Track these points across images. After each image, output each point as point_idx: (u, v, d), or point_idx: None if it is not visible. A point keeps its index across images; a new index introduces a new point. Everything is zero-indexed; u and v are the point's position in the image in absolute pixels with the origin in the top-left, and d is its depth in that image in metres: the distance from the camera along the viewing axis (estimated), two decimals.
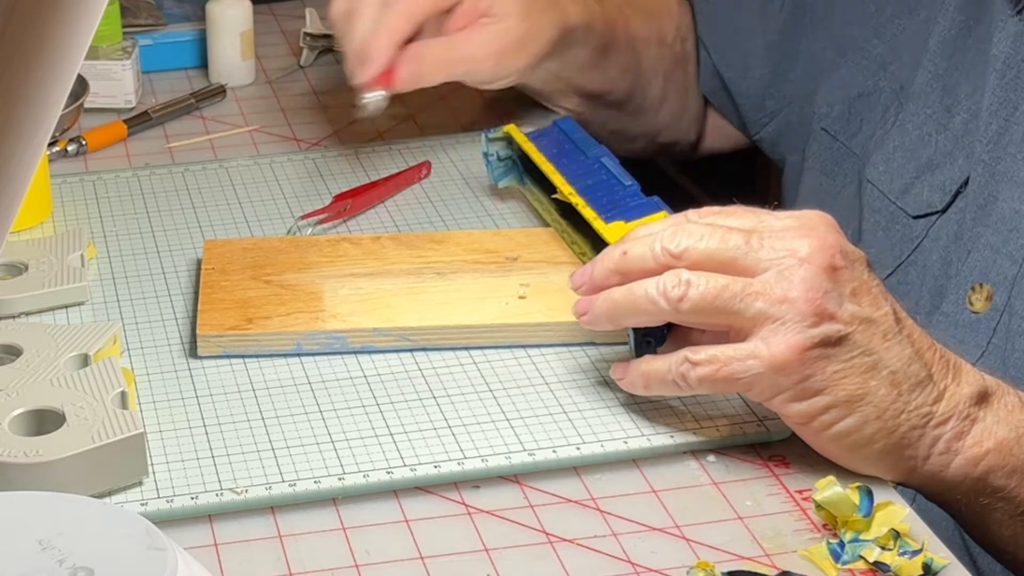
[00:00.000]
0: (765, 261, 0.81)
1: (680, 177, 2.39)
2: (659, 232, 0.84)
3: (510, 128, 1.10)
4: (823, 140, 1.16)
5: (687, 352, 0.82)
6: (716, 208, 0.86)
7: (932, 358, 0.82)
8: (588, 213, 0.98)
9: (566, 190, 1.01)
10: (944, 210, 1.02)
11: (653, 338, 0.86)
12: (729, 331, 0.82)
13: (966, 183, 1.00)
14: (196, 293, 0.97)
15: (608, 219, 0.97)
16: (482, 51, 1.13)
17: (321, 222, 1.07)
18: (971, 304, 0.98)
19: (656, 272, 0.82)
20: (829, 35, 1.17)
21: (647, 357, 0.85)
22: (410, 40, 1.11)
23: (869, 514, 0.78)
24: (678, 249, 0.82)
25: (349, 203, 1.09)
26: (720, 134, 1.32)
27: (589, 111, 1.24)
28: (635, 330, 0.86)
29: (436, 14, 1.12)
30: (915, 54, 1.08)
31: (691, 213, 0.86)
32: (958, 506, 0.85)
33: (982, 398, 0.82)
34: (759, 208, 0.86)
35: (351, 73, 1.10)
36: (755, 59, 1.23)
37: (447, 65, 1.12)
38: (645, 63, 1.25)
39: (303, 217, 1.07)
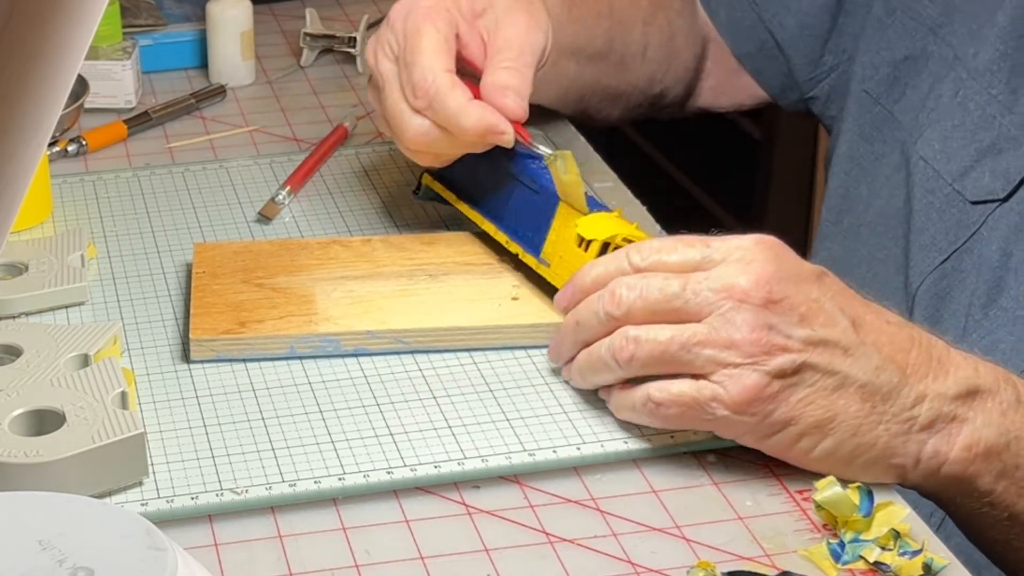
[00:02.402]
0: (706, 305, 0.80)
1: (676, 172, 2.39)
2: (600, 295, 0.84)
3: (426, 180, 1.07)
4: (864, 102, 1.11)
5: (652, 391, 0.82)
6: (658, 243, 0.85)
7: (907, 359, 0.81)
8: (529, 260, 0.97)
9: (502, 239, 0.99)
10: (1006, 199, 0.97)
11: None
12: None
13: None
14: (188, 296, 0.97)
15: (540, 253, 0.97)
16: (518, 33, 1.03)
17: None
18: None
19: (608, 333, 0.84)
20: None
21: (616, 390, 0.85)
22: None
23: (869, 514, 0.78)
24: (620, 311, 0.83)
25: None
26: (720, 91, 1.26)
27: (575, 71, 1.17)
28: None
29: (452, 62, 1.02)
30: (973, 23, 1.02)
31: (633, 253, 0.85)
32: (952, 507, 0.84)
33: (970, 395, 0.81)
34: (699, 238, 0.84)
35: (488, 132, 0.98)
36: (811, 13, 1.16)
37: (518, 61, 1.01)
38: (618, 9, 1.19)
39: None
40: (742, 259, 0.81)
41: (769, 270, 0.80)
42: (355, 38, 1.37)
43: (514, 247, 0.98)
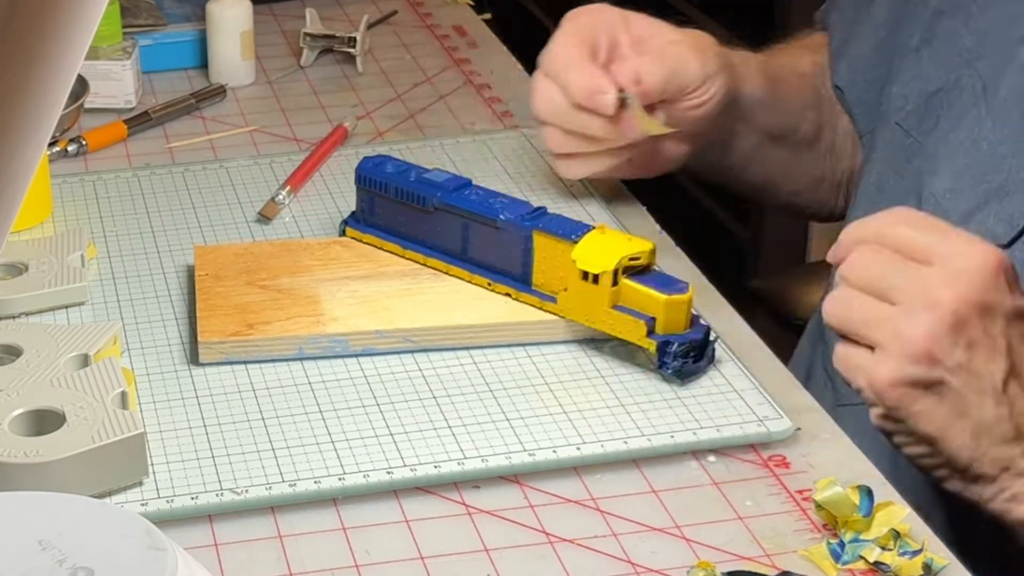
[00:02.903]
0: (906, 296, 0.84)
1: (676, 173, 2.39)
2: (858, 251, 0.87)
3: (351, 234, 1.03)
4: (896, 135, 1.09)
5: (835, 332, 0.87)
6: (905, 215, 0.88)
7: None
8: (529, 300, 0.96)
9: (481, 282, 0.98)
10: (1008, 245, 0.96)
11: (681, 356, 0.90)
12: None
13: None
14: (193, 297, 0.97)
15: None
16: (674, 51, 1.07)
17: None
18: None
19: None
20: (918, 18, 1.09)
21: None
22: None
23: (869, 514, 0.78)
24: (842, 272, 0.86)
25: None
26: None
27: (777, 159, 1.20)
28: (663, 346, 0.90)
29: (596, 47, 1.07)
30: (1002, 53, 1.01)
31: (883, 222, 0.87)
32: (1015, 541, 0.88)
33: None
34: (944, 225, 0.87)
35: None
36: (866, 62, 1.15)
37: (657, 60, 1.06)
38: (823, 93, 1.19)
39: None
40: (958, 269, 0.84)
41: (973, 290, 0.83)
42: (355, 38, 1.37)
43: (501, 288, 0.97)
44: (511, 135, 1.22)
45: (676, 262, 1.03)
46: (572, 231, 0.94)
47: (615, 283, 0.91)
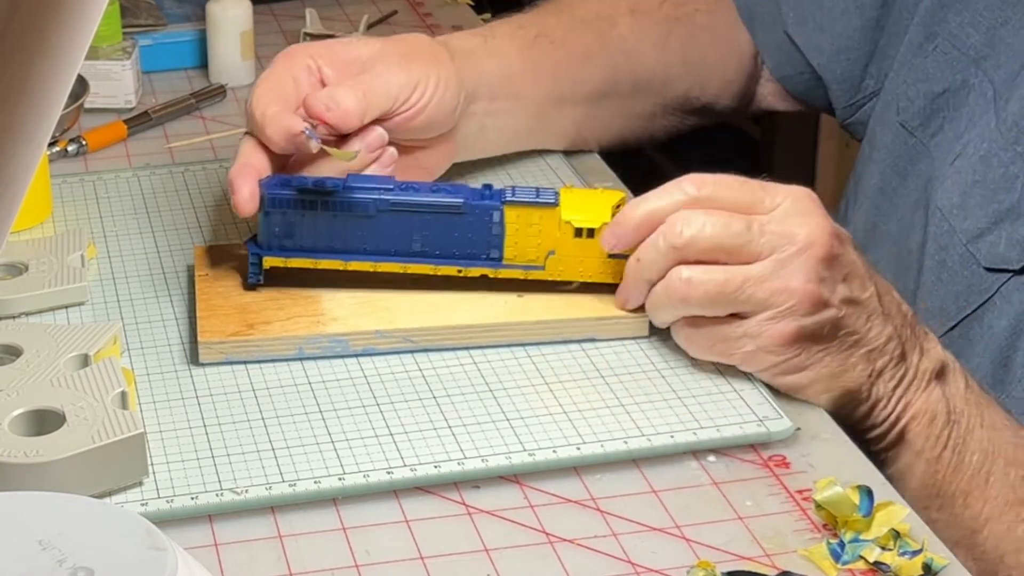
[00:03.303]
0: (767, 248, 0.84)
1: (676, 172, 2.39)
2: (661, 231, 0.87)
3: (272, 263, 0.96)
4: (899, 135, 1.06)
5: (683, 322, 0.88)
6: (710, 177, 0.87)
7: (905, 335, 0.87)
8: (509, 273, 0.96)
9: (450, 271, 0.96)
10: (1021, 271, 0.93)
11: None
12: None
13: None
14: (193, 297, 0.97)
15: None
16: (374, 71, 1.00)
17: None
18: None
19: (668, 268, 0.87)
20: (917, 11, 1.06)
21: (682, 324, 0.90)
22: None
23: (869, 514, 0.78)
24: (681, 241, 0.85)
25: None
26: (782, 95, 1.22)
27: (580, 113, 1.16)
28: None
29: (288, 102, 0.98)
30: (1015, 59, 0.97)
31: (687, 185, 0.87)
32: (886, 459, 0.90)
33: (939, 373, 0.88)
34: (755, 182, 0.87)
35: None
36: (849, 35, 1.12)
37: (351, 86, 0.99)
38: (616, 43, 1.15)
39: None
40: (800, 211, 0.85)
41: (828, 224, 0.84)
42: None
43: (474, 271, 0.96)
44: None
45: None
46: (544, 196, 0.95)
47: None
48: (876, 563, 0.76)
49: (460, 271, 0.96)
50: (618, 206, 0.95)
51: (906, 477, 0.89)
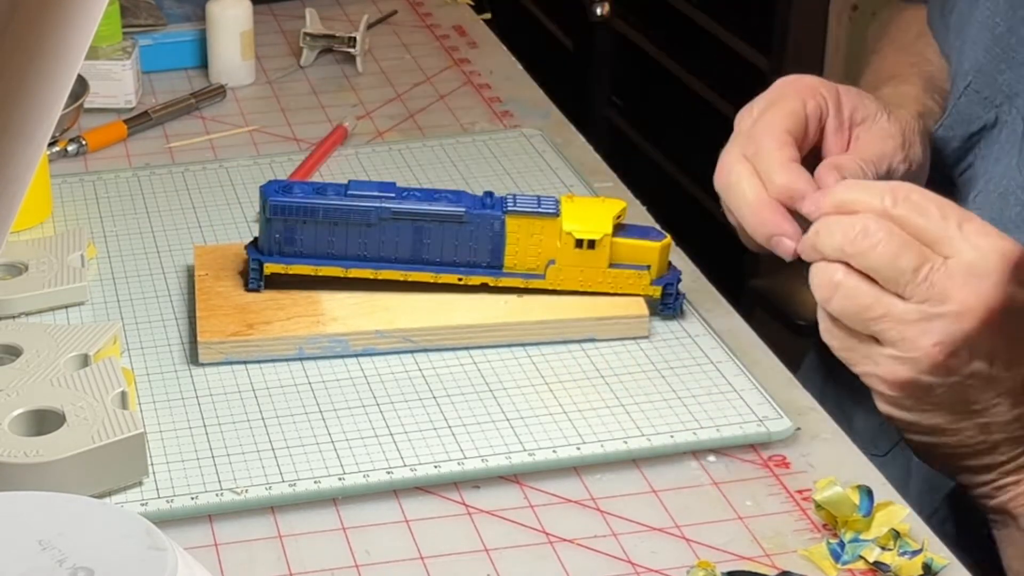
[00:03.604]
0: (919, 295, 0.80)
1: (676, 172, 2.39)
2: (850, 222, 0.82)
3: (273, 269, 0.96)
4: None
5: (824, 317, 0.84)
6: (915, 193, 0.83)
7: None
8: (509, 282, 0.96)
9: (450, 279, 0.96)
10: None
11: None
12: None
13: None
14: (193, 297, 0.97)
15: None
16: (886, 145, 0.96)
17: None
18: None
19: (835, 259, 0.83)
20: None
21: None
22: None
23: (869, 514, 0.78)
24: (852, 248, 0.82)
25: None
26: None
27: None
28: None
29: (798, 135, 0.94)
30: None
31: (887, 196, 0.82)
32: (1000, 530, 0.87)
33: None
34: (952, 207, 0.82)
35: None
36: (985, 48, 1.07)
37: (867, 163, 0.95)
38: (939, 71, 1.12)
39: None
40: (974, 270, 0.80)
41: (991, 297, 0.80)
42: (355, 38, 1.37)
43: (474, 280, 0.96)
44: (511, 135, 1.22)
45: (676, 262, 1.02)
46: (545, 206, 0.95)
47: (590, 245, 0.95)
48: (876, 563, 0.76)
49: (460, 279, 0.96)
50: (619, 216, 0.95)
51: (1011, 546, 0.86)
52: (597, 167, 1.18)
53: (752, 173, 0.90)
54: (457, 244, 0.95)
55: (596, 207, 0.96)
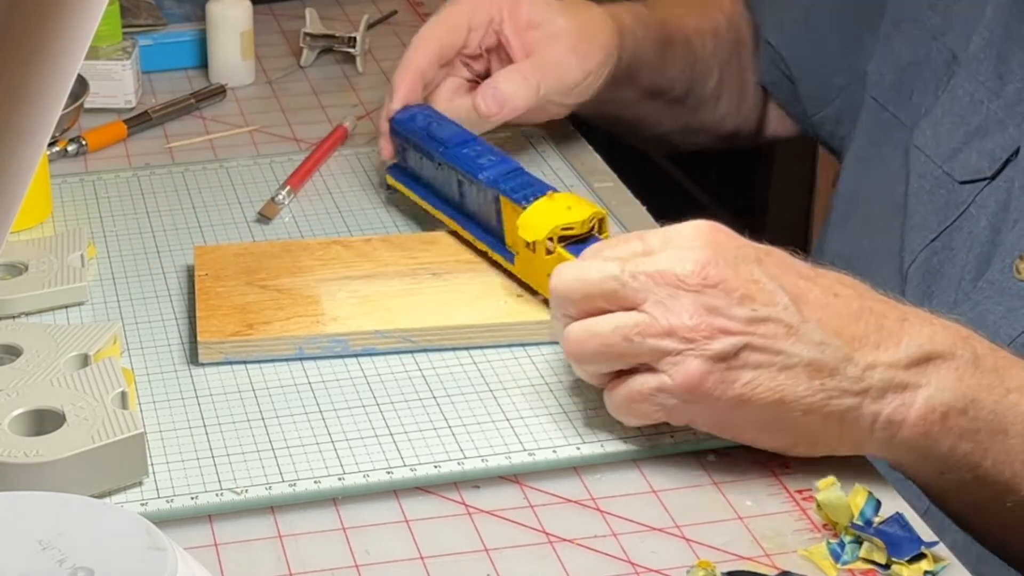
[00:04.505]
0: (643, 291, 0.79)
1: (676, 172, 2.39)
2: (552, 290, 0.84)
3: (388, 180, 1.10)
4: (872, 109, 1.14)
5: (607, 390, 0.83)
6: (599, 244, 0.86)
7: (854, 331, 0.79)
8: (497, 258, 0.98)
9: (470, 237, 1.01)
10: (992, 177, 1.00)
11: None
12: None
13: (1016, 152, 0.99)
14: (193, 297, 0.97)
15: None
16: (555, 53, 1.10)
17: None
18: (1018, 272, 0.96)
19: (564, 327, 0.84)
20: (886, 7, 1.15)
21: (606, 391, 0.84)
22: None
23: (870, 523, 0.78)
24: (561, 298, 0.82)
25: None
26: (780, 123, 1.31)
27: (651, 110, 1.25)
28: None
29: (454, 47, 1.12)
30: (970, 23, 1.06)
31: (585, 252, 0.85)
32: (915, 474, 0.84)
33: (923, 361, 0.80)
34: (636, 233, 0.84)
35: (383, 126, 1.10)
36: (826, 40, 1.21)
37: (526, 78, 1.09)
38: (701, 57, 1.24)
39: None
40: (678, 246, 0.81)
41: (705, 255, 0.79)
42: (355, 38, 1.37)
43: (481, 245, 1.00)
44: (511, 135, 1.22)
45: None
46: (525, 196, 0.95)
47: (550, 252, 0.92)
48: (876, 563, 0.76)
49: (476, 240, 0.99)
50: (588, 223, 0.92)
51: (950, 492, 0.84)
52: (597, 167, 1.18)
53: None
54: (479, 207, 0.99)
55: (557, 210, 0.93)
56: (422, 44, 1.11)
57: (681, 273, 0.79)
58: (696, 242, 0.81)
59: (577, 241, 0.93)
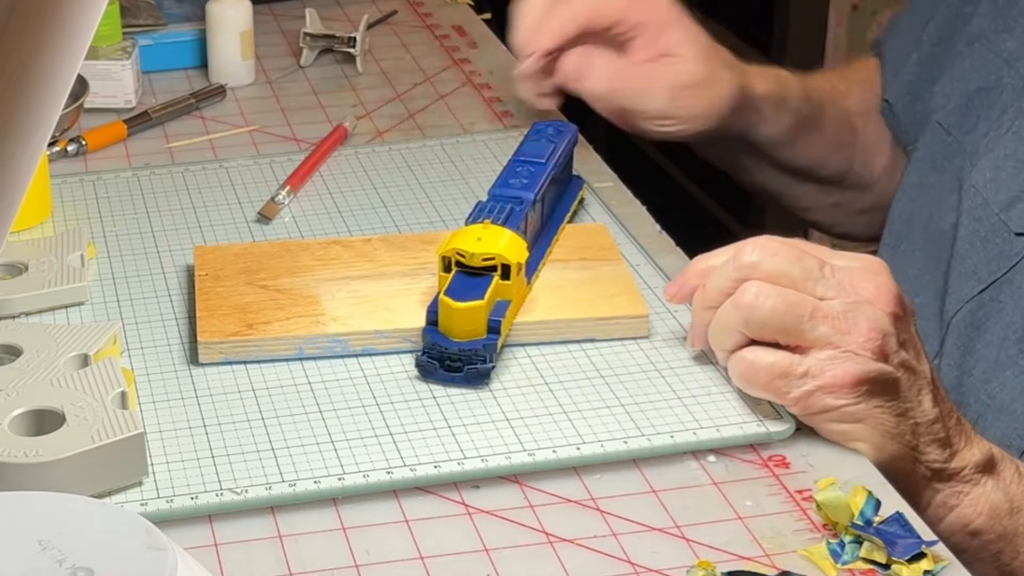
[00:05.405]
0: (834, 290, 0.83)
1: (676, 172, 2.39)
2: (731, 259, 0.85)
3: None
4: (936, 134, 1.12)
5: (747, 352, 0.85)
6: (781, 239, 0.86)
7: (950, 424, 0.85)
8: None
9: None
10: None
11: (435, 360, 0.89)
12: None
13: None
14: (193, 297, 0.97)
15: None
16: (655, 81, 1.12)
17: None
18: None
19: (733, 291, 0.85)
20: (959, 23, 1.13)
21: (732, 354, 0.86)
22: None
23: (870, 523, 0.78)
24: (751, 260, 0.84)
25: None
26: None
27: (793, 187, 1.24)
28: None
29: (599, 26, 1.13)
30: None
31: (749, 247, 0.86)
32: (954, 549, 0.86)
33: (988, 466, 0.86)
34: (826, 248, 0.87)
35: (517, 52, 1.14)
36: (914, 78, 1.19)
37: (615, 78, 1.12)
38: (865, 136, 1.23)
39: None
40: (868, 269, 0.84)
41: (894, 287, 0.84)
42: (355, 38, 1.37)
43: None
44: (511, 135, 1.22)
45: (675, 261, 1.03)
46: (476, 218, 0.95)
47: (447, 269, 0.92)
48: (876, 563, 0.76)
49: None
50: (489, 259, 0.91)
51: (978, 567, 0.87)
52: (597, 167, 1.18)
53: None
54: None
55: (466, 238, 0.92)
56: (576, 10, 1.12)
57: (873, 291, 0.83)
58: (885, 273, 0.85)
59: (469, 272, 0.92)
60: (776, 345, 0.84)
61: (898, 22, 1.23)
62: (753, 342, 0.84)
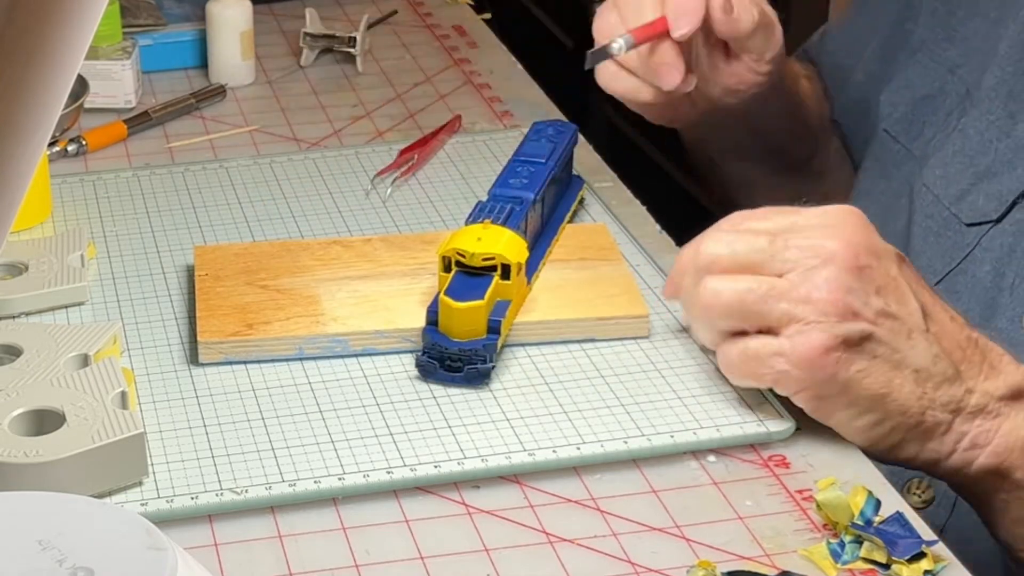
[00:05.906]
0: (790, 262, 0.82)
1: (676, 172, 2.39)
2: (690, 255, 0.86)
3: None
4: (884, 142, 1.13)
5: (723, 344, 0.85)
6: (747, 212, 0.86)
7: (963, 356, 0.83)
8: None
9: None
10: (999, 220, 0.99)
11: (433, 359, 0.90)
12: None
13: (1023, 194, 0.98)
14: (193, 297, 0.97)
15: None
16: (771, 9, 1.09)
17: (396, 179, 1.14)
18: None
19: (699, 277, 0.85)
20: (900, 40, 1.14)
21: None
22: None
23: (870, 523, 0.78)
24: (706, 260, 0.84)
25: (415, 156, 1.15)
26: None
27: (770, 177, 1.23)
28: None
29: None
30: (985, 57, 1.05)
31: (723, 222, 0.86)
32: (978, 500, 0.86)
33: (1015, 397, 0.84)
34: (790, 207, 0.86)
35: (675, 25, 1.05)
36: (860, 94, 1.20)
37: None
38: (813, 121, 1.23)
39: (378, 174, 1.14)
40: (829, 224, 0.83)
41: (857, 238, 0.82)
42: (355, 38, 1.37)
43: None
44: (511, 135, 1.22)
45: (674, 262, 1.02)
46: (476, 218, 0.95)
47: (447, 269, 0.92)
48: (876, 563, 0.76)
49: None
50: (489, 259, 0.91)
51: (1010, 509, 0.86)
52: (597, 167, 1.18)
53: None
54: None
55: (476, 240, 0.92)
56: None
57: (833, 248, 0.81)
58: (850, 223, 0.83)
59: (470, 272, 0.92)
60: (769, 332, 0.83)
61: (832, 40, 1.24)
62: (740, 334, 0.84)
